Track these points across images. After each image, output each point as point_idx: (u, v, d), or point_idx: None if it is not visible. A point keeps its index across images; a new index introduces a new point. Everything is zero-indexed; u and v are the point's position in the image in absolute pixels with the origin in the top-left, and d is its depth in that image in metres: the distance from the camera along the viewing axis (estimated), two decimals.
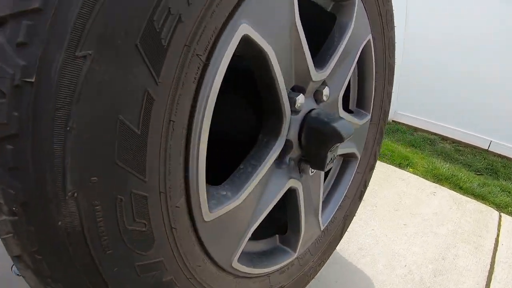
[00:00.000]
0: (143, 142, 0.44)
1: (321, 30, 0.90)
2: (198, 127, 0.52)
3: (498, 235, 2.12)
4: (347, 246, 1.93)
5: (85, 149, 0.39)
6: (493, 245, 2.03)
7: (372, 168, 1.24)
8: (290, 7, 0.62)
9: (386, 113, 1.24)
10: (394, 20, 1.20)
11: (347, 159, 1.13)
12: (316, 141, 0.76)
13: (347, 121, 0.79)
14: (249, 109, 0.77)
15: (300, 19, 0.66)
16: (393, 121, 4.04)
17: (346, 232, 2.10)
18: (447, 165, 2.99)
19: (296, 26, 0.64)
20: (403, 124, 3.94)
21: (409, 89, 3.75)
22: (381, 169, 2.98)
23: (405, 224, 2.23)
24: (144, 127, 0.44)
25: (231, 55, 0.53)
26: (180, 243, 0.56)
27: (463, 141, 3.44)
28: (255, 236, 0.85)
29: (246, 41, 0.55)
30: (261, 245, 0.90)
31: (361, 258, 1.83)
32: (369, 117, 1.12)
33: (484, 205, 2.43)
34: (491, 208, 2.40)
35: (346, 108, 1.13)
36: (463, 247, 2.02)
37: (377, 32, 1.08)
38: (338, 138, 0.73)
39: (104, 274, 0.45)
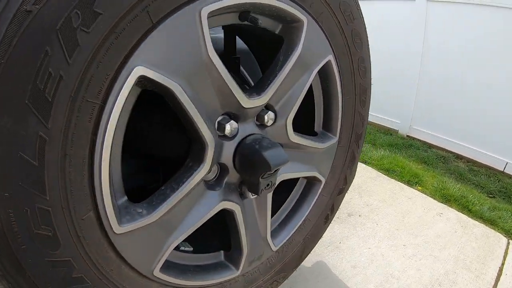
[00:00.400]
0: (41, 171, 0.56)
1: (272, 53, 0.89)
2: (98, 157, 0.61)
3: (503, 264, 1.98)
4: (339, 263, 1.87)
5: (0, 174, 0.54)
6: (496, 275, 1.90)
7: (341, 192, 1.20)
8: (199, 45, 0.64)
9: (360, 136, 1.20)
10: (367, 39, 1.16)
11: (309, 181, 1.10)
12: (247, 167, 0.76)
13: (280, 149, 0.77)
14: (182, 135, 0.78)
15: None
16: (407, 136, 3.90)
17: (341, 248, 2.05)
18: (458, 185, 2.84)
19: (211, 60, 0.66)
20: (418, 139, 3.80)
21: (425, 104, 3.61)
22: (388, 185, 2.88)
23: (405, 245, 2.14)
24: (40, 160, 0.56)
25: (127, 95, 0.61)
26: (89, 248, 0.67)
27: (478, 160, 3.26)
28: (198, 250, 0.90)
29: (147, 79, 0.59)
30: (202, 259, 0.91)
31: (353, 276, 1.77)
32: (335, 140, 1.08)
33: (492, 230, 2.28)
34: (500, 234, 2.25)
35: (312, 130, 1.11)
36: (463, 274, 1.91)
37: (342, 52, 1.05)
38: (266, 167, 0.72)
39: (22, 263, 0.59)
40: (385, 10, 3.86)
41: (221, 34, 1.09)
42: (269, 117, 0.84)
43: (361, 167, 3.24)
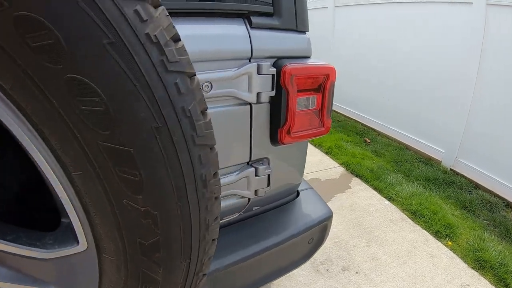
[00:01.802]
0: None
1: None
2: None
3: None
4: None
5: None
6: None
7: None
8: None
9: (155, 247, 0.76)
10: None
11: None
12: None
13: None
14: None
15: None
16: (451, 170, 3.31)
17: None
18: (500, 247, 2.28)
19: None
20: (462, 176, 3.20)
21: (477, 133, 3.01)
22: (410, 234, 2.42)
23: None
24: None
25: None
26: None
27: None
28: None
29: None
30: None
31: None
32: (79, 247, 0.69)
33: None
34: None
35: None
36: None
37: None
38: None
39: None
40: (440, 16, 3.29)
41: None
42: None
43: (381, 205, 2.79)
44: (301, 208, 1.42)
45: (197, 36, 0.88)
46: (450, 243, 2.36)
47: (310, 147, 3.98)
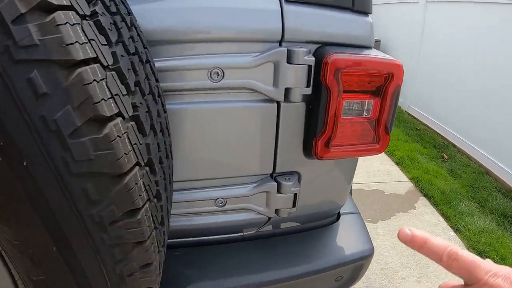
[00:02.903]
0: None
1: None
2: None
3: None
4: None
5: None
6: None
7: None
8: None
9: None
10: None
11: None
12: None
13: None
14: None
15: None
16: None
17: None
18: None
19: None
20: None
21: None
22: None
23: None
24: None
25: None
26: None
27: None
28: None
29: None
30: None
31: None
32: None
33: None
34: None
35: None
36: None
37: None
38: None
39: None
40: None
41: None
42: None
43: (445, 235, 2.36)
44: (336, 236, 1.14)
45: (207, 8, 0.66)
46: None
47: (380, 154, 3.56)
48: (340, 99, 0.79)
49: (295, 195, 0.92)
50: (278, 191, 0.91)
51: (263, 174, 0.90)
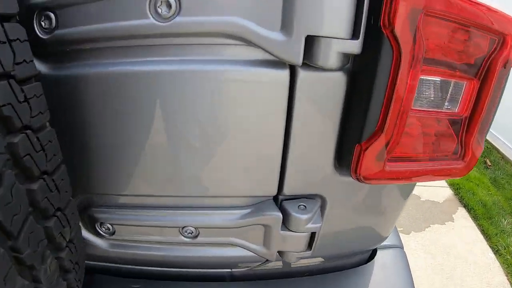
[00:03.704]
0: None
1: None
2: None
3: None
4: None
5: None
6: None
7: None
8: None
9: None
10: None
11: None
12: None
13: None
14: None
15: None
16: None
17: None
18: None
19: None
20: None
21: None
22: None
23: None
24: None
25: None
26: None
27: None
28: None
29: None
30: None
31: None
32: None
33: None
34: None
35: None
36: None
37: None
38: None
39: None
40: None
41: None
42: None
43: (484, 257, 2.00)
44: (368, 282, 0.78)
45: None
46: None
47: None
48: (417, 71, 0.41)
49: (313, 234, 0.55)
50: (285, 225, 0.54)
51: (261, 195, 0.54)
